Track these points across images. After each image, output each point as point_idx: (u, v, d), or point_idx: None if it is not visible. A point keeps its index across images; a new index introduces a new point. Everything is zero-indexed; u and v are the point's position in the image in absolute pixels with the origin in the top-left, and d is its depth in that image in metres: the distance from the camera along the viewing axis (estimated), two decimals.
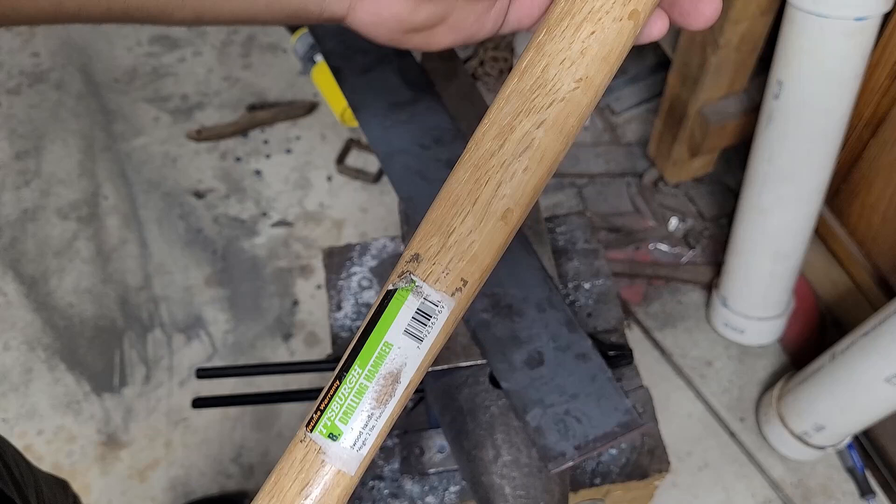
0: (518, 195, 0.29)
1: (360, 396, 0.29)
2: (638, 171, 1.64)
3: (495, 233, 0.29)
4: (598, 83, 0.30)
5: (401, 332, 0.29)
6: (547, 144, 0.29)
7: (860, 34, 1.03)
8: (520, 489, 0.69)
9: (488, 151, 0.29)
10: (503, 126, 0.29)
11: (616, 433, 0.67)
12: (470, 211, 0.29)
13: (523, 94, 0.29)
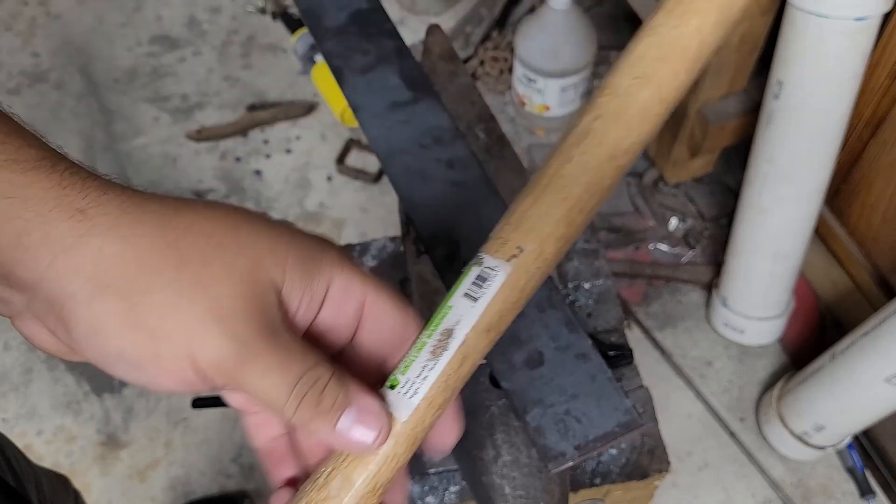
0: (577, 174, 0.33)
1: (420, 351, 0.32)
2: (638, 171, 1.64)
3: (552, 206, 0.32)
4: (671, 92, 0.35)
5: (460, 296, 0.32)
6: (604, 130, 0.33)
7: (860, 34, 1.03)
8: (520, 489, 0.69)
9: (554, 149, 0.33)
10: (572, 124, 0.33)
11: (616, 433, 0.67)
12: (531, 193, 0.33)
13: (611, 90, 0.34)
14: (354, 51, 0.77)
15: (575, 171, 0.33)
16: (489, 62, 1.75)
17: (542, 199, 0.33)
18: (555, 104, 1.63)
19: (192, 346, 0.30)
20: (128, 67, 1.84)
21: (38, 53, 1.87)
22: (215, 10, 1.93)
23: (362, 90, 0.76)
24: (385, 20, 0.79)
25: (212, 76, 1.83)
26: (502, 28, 1.81)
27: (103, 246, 0.30)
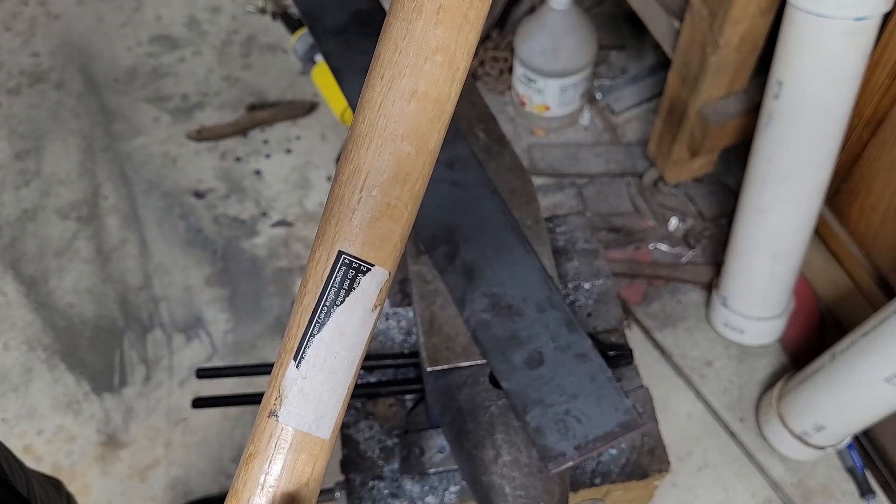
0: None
1: None
2: (638, 171, 1.64)
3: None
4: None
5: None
6: None
7: (860, 34, 1.03)
8: (520, 489, 0.69)
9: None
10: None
11: (616, 433, 0.67)
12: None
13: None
14: (354, 51, 0.77)
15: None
16: (489, 62, 1.75)
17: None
18: (555, 104, 1.63)
19: None
20: (128, 67, 1.84)
21: (38, 53, 1.87)
22: (215, 10, 1.93)
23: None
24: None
25: (212, 76, 1.83)
26: (502, 28, 1.81)
27: None
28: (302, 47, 1.77)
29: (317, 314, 0.33)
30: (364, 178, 0.32)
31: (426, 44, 0.31)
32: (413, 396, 0.92)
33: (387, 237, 0.33)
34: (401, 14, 0.31)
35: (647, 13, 1.43)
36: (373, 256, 0.33)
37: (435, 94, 0.32)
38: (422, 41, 0.31)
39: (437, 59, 0.31)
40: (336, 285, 0.32)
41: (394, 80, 0.31)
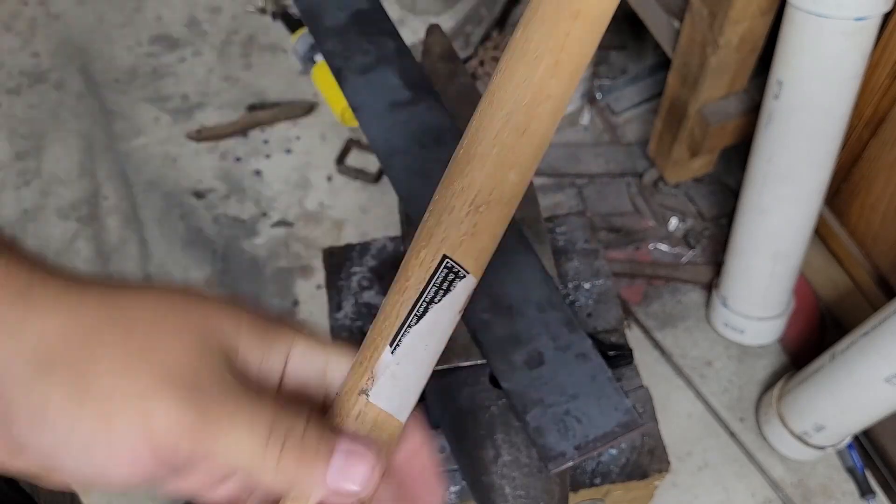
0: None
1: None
2: (638, 171, 1.64)
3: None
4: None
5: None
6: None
7: (860, 34, 1.03)
8: (520, 489, 0.69)
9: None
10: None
11: (616, 433, 0.67)
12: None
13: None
14: (354, 51, 0.77)
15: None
16: (489, 62, 1.75)
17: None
18: None
19: (148, 413, 0.28)
20: (128, 67, 1.84)
21: (38, 53, 1.87)
22: (215, 10, 1.93)
23: (362, 90, 0.76)
24: (385, 20, 0.79)
25: (212, 76, 1.83)
26: (502, 28, 1.81)
27: (45, 324, 0.28)
28: (302, 47, 1.77)
29: (416, 308, 0.35)
30: (475, 195, 0.36)
31: (541, 90, 0.35)
32: None
33: (483, 251, 0.37)
34: (524, 59, 0.35)
35: (647, 13, 1.43)
36: (469, 265, 0.36)
37: (541, 132, 0.36)
38: (539, 87, 0.35)
39: (547, 105, 0.36)
40: (436, 285, 0.35)
41: (511, 116, 0.35)
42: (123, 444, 0.28)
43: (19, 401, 0.28)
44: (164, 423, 0.28)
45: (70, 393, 0.28)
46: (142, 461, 0.29)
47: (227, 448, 0.29)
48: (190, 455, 0.29)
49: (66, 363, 0.28)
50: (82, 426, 0.28)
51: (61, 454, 0.29)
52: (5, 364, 0.28)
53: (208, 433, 0.29)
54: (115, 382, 0.28)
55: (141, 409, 0.28)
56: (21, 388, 0.28)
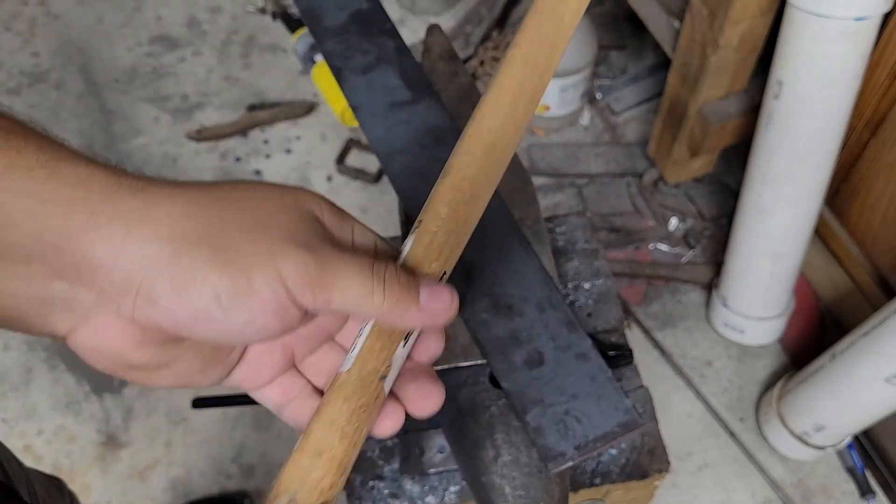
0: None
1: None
2: (638, 171, 1.64)
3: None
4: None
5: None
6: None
7: (860, 34, 1.03)
8: (520, 489, 0.69)
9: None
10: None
11: (616, 433, 0.67)
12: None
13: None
14: (354, 51, 0.77)
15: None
16: (489, 62, 1.75)
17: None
18: (555, 104, 1.63)
19: (280, 267, 0.33)
20: (128, 67, 1.84)
21: (38, 53, 1.87)
22: (215, 10, 1.93)
23: (362, 90, 0.76)
24: (385, 20, 0.79)
25: (212, 76, 1.83)
26: (502, 28, 1.81)
27: (171, 210, 0.32)
28: (302, 47, 1.77)
29: None
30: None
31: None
32: None
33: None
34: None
35: (647, 13, 1.43)
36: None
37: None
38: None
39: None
40: None
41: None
42: (265, 296, 0.32)
43: (162, 277, 0.31)
44: (293, 273, 0.33)
45: (211, 261, 0.32)
46: (279, 308, 0.33)
47: (342, 291, 0.34)
48: (313, 300, 0.34)
49: (202, 238, 0.32)
50: (228, 286, 0.32)
51: (207, 319, 0.32)
52: (143, 248, 0.31)
53: (327, 280, 0.34)
54: (248, 247, 0.32)
55: (274, 265, 0.32)
56: (162, 265, 0.31)
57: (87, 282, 0.31)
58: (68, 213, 0.30)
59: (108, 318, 0.32)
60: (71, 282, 0.31)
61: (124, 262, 0.31)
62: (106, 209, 0.31)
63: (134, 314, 0.32)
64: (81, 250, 0.31)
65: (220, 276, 0.32)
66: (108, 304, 0.32)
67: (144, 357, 0.34)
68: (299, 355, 0.41)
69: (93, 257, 0.31)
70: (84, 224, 0.30)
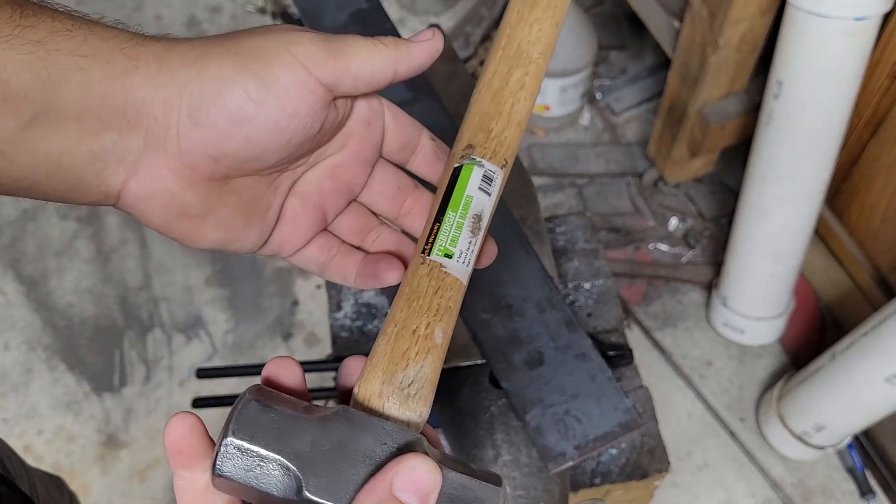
0: (523, 113, 0.45)
1: (460, 230, 0.41)
2: (638, 171, 1.64)
3: (515, 133, 0.44)
4: (548, 56, 0.46)
5: (476, 189, 0.42)
6: (532, 85, 0.45)
7: (860, 34, 1.03)
8: (520, 489, 0.69)
9: (499, 87, 0.44)
10: (504, 74, 0.45)
11: (616, 433, 0.67)
12: (499, 119, 0.44)
13: (510, 58, 0.45)
14: None
15: (523, 111, 0.45)
16: None
17: (510, 125, 0.44)
18: (555, 104, 1.63)
19: (294, 52, 0.36)
20: None
21: None
22: (215, 9, 1.93)
23: None
24: (385, 20, 0.79)
25: None
26: None
27: (192, 42, 0.36)
28: None
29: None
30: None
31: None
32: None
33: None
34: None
35: (647, 13, 1.43)
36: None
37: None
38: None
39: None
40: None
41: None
42: (285, 81, 0.35)
43: (198, 91, 0.35)
44: (307, 53, 0.36)
45: (235, 64, 0.35)
46: (307, 91, 0.36)
47: (355, 53, 0.37)
48: (333, 71, 0.37)
49: (222, 49, 0.35)
50: (255, 80, 0.35)
51: (244, 119, 0.35)
52: (177, 72, 0.35)
53: (338, 49, 0.37)
54: (264, 45, 0.36)
55: (289, 52, 0.36)
56: (196, 80, 0.35)
57: (133, 125, 0.34)
58: (108, 61, 0.33)
59: (157, 159, 0.35)
60: (119, 130, 0.34)
61: (162, 91, 0.34)
62: (140, 53, 0.34)
63: (181, 145, 0.35)
64: (125, 93, 0.34)
65: (244, 75, 0.35)
66: (156, 144, 0.35)
67: (194, 198, 0.37)
68: (330, 214, 0.44)
69: (136, 97, 0.34)
70: (123, 68, 0.34)
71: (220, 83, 0.35)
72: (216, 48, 0.36)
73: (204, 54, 0.35)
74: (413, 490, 0.32)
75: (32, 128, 0.32)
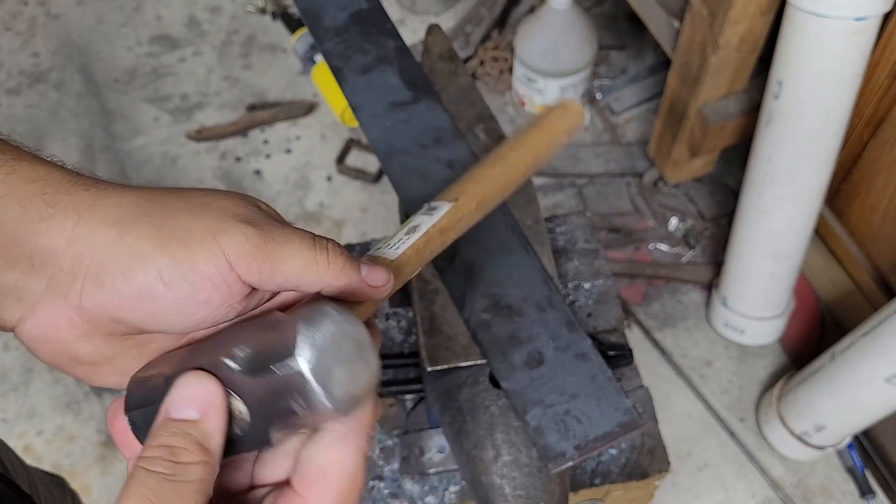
0: (495, 175, 0.52)
1: (397, 233, 0.45)
2: (638, 171, 1.64)
3: (477, 184, 0.51)
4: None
5: (420, 214, 0.47)
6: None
7: (860, 34, 1.03)
8: (520, 489, 0.69)
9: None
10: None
11: (616, 433, 0.67)
12: (471, 176, 0.51)
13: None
14: (354, 51, 0.77)
15: (493, 173, 0.52)
16: (489, 62, 1.75)
17: (480, 178, 0.51)
18: None
19: (221, 242, 0.34)
20: (128, 67, 1.84)
21: (38, 53, 1.87)
22: (215, 9, 1.93)
23: (362, 90, 0.76)
24: (385, 20, 0.79)
25: (212, 76, 1.83)
26: (502, 28, 1.81)
27: (121, 199, 0.34)
28: (302, 47, 1.77)
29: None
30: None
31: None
32: (413, 396, 0.92)
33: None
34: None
35: (647, 13, 1.43)
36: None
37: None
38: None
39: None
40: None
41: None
42: (207, 272, 0.33)
43: (109, 258, 0.33)
44: (235, 247, 0.34)
45: (155, 240, 0.33)
46: (224, 285, 0.34)
47: (286, 260, 0.35)
48: (258, 273, 0.34)
49: (147, 220, 0.34)
50: (170, 263, 0.33)
51: (150, 296, 0.33)
52: (92, 231, 0.33)
53: (270, 251, 0.34)
54: (191, 226, 0.34)
55: (215, 240, 0.34)
56: (109, 246, 0.33)
57: (38, 270, 0.33)
58: (25, 206, 0.32)
59: (56, 305, 0.34)
60: (23, 271, 0.33)
61: (74, 247, 0.33)
62: (61, 201, 0.33)
63: (82, 299, 0.33)
64: (35, 239, 0.33)
65: (161, 253, 0.33)
66: (57, 291, 0.33)
67: (89, 348, 0.35)
68: None
69: (46, 245, 0.33)
70: (39, 215, 0.32)
71: (135, 255, 0.33)
72: (141, 217, 0.34)
73: (127, 219, 0.33)
74: (190, 407, 0.33)
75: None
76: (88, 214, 0.33)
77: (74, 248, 0.33)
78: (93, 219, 0.33)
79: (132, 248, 0.33)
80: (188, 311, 0.34)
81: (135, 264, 0.33)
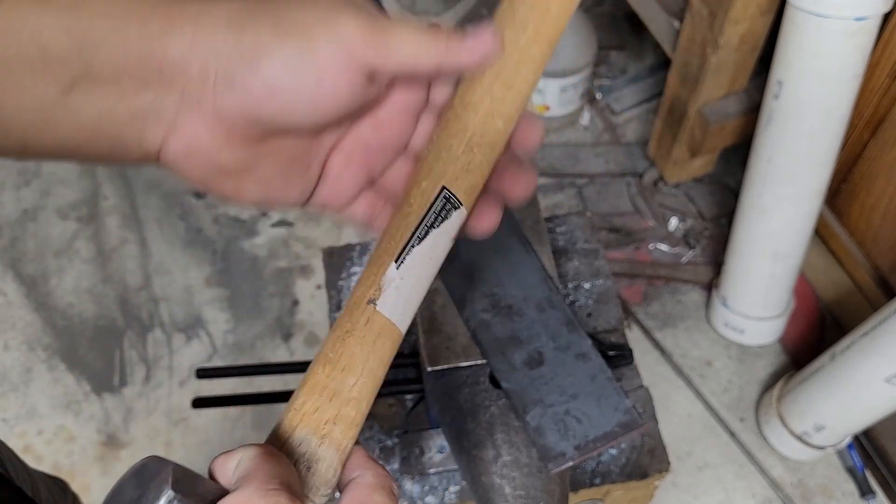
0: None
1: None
2: (638, 171, 1.64)
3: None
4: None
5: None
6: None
7: (860, 34, 1.03)
8: (520, 489, 0.69)
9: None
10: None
11: (616, 433, 0.67)
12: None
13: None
14: None
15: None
16: None
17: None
18: (555, 104, 1.63)
19: (338, 27, 0.35)
20: None
21: None
22: None
23: None
24: None
25: None
26: None
27: (229, 5, 0.35)
28: None
29: (418, 230, 0.39)
30: (469, 136, 0.41)
31: (525, 53, 0.41)
32: (413, 396, 0.92)
33: (473, 186, 0.41)
34: (512, 27, 0.41)
35: (647, 13, 1.43)
36: (462, 197, 0.41)
37: (525, 89, 0.42)
38: (524, 51, 0.41)
39: (530, 66, 0.41)
40: (436, 212, 0.40)
41: (501, 72, 0.41)
42: (325, 57, 0.35)
43: (233, 57, 0.34)
44: (351, 30, 0.35)
45: (273, 34, 0.34)
46: (343, 69, 0.35)
47: (400, 39, 0.36)
48: (375, 53, 0.35)
49: (261, 16, 0.35)
50: (290, 52, 0.34)
51: (279, 89, 0.35)
52: (212, 34, 0.34)
53: (384, 32, 0.36)
54: (304, 15, 0.35)
55: (332, 26, 0.35)
56: (233, 46, 0.34)
57: (169, 85, 0.34)
58: (144, 23, 0.33)
59: (193, 116, 0.35)
60: (156, 89, 0.34)
61: (198, 54, 0.34)
62: (174, 12, 0.34)
63: (215, 104, 0.35)
64: (160, 54, 0.33)
65: (282, 44, 0.34)
66: (191, 103, 0.35)
67: (231, 156, 0.36)
68: (377, 170, 0.43)
69: (172, 57, 0.33)
70: (159, 29, 0.33)
71: (258, 50, 0.34)
72: (255, 15, 0.35)
73: (242, 19, 0.35)
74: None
75: (73, 92, 0.32)
76: (204, 21, 0.34)
77: (199, 56, 0.34)
78: (209, 25, 0.34)
79: (253, 44, 0.34)
80: (315, 101, 0.35)
81: (259, 59, 0.34)
